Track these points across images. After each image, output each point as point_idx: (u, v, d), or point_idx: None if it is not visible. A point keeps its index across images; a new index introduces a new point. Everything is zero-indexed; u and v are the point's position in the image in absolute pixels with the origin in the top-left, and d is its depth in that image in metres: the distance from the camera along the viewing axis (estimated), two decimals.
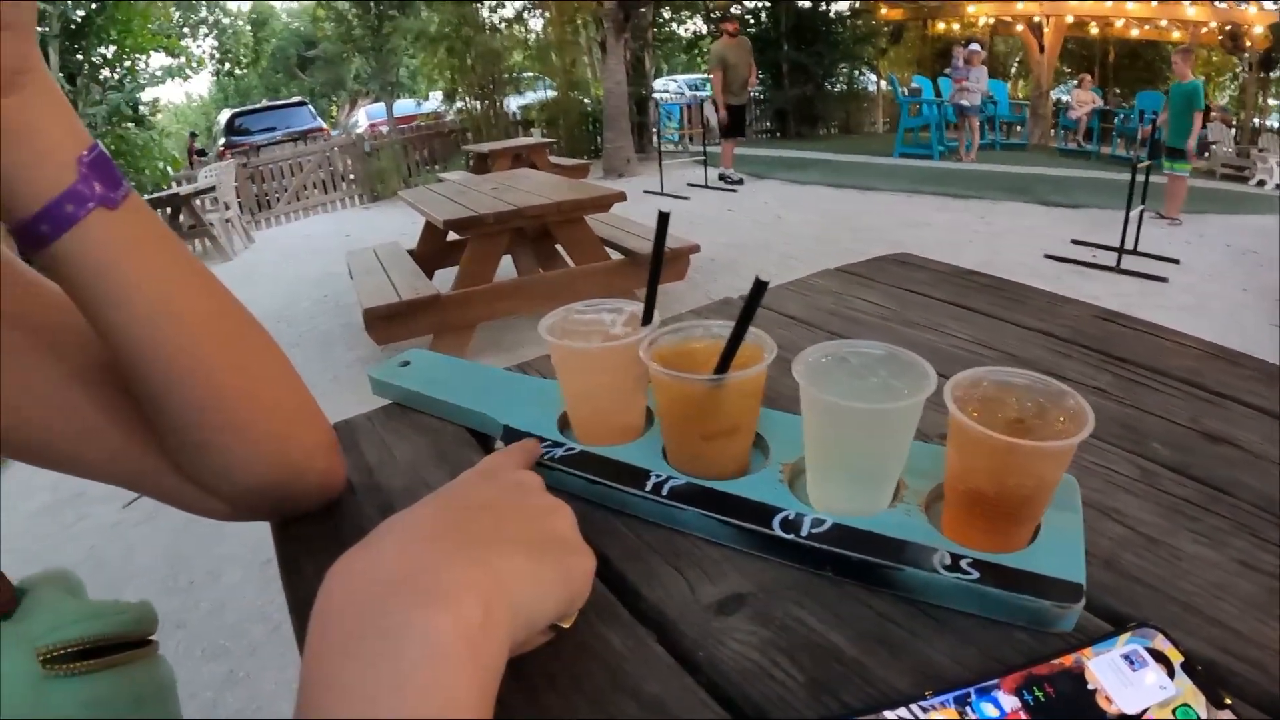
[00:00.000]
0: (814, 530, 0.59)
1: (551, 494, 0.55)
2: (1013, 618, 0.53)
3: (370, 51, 14.81)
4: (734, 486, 0.65)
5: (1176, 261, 7.22)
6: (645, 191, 11.31)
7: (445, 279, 5.92)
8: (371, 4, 14.56)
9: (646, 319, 0.71)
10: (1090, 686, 0.47)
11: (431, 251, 6.46)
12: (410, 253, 6.28)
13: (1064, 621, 0.52)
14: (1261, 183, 13.21)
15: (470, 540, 0.45)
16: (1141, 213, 7.23)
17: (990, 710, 0.45)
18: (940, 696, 0.46)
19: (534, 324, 3.04)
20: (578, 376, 0.72)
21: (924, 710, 0.45)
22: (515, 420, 0.77)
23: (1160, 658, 0.48)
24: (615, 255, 5.69)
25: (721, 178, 12.08)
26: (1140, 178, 7.05)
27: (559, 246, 5.78)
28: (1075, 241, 7.76)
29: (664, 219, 0.67)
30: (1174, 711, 0.45)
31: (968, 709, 0.45)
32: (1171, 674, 0.47)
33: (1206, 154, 15.04)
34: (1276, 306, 6.16)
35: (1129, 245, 7.11)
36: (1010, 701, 0.45)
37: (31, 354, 0.59)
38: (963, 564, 0.54)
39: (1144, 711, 0.45)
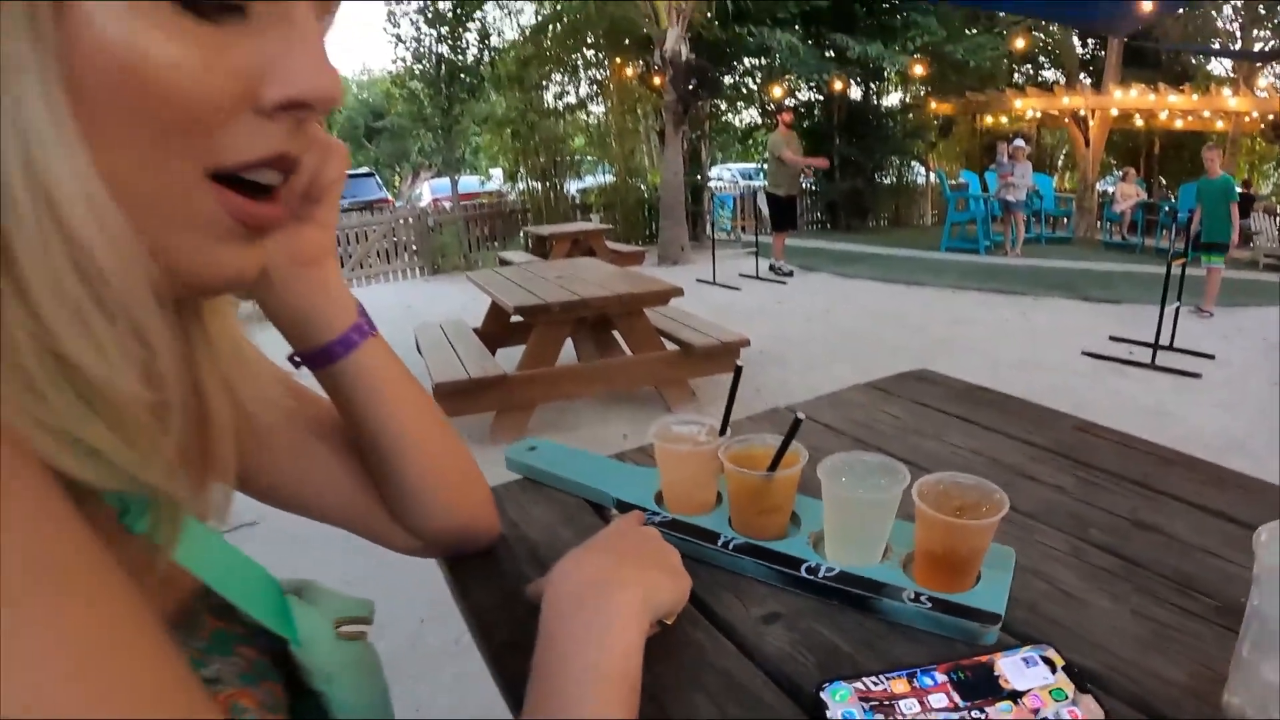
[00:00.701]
0: (827, 574, 0.89)
1: (662, 541, 0.86)
2: (953, 633, 0.83)
3: (439, 129, 15.38)
4: (777, 545, 0.96)
5: (1212, 357, 7.34)
6: (698, 280, 11.59)
7: (507, 357, 6.25)
8: (443, 86, 15.16)
9: (723, 431, 1.03)
10: (995, 674, 0.75)
11: (495, 331, 6.82)
12: (475, 330, 6.63)
13: (986, 637, 0.82)
14: None
15: (630, 559, 0.77)
16: (1177, 309, 7.39)
17: (928, 681, 0.74)
18: (898, 671, 0.75)
19: (590, 406, 3.47)
20: (676, 468, 1.04)
21: (887, 678, 0.74)
22: (624, 495, 1.08)
23: (1049, 662, 0.76)
24: (670, 345, 5.98)
25: (772, 269, 12.36)
26: (1175, 272, 7.19)
27: (617, 334, 6.09)
28: (1114, 338, 7.91)
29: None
30: (1050, 693, 0.73)
31: (914, 679, 0.74)
32: (1054, 671, 0.76)
33: (1251, 244, 15.08)
34: None
35: (1165, 340, 7.23)
36: (941, 677, 0.74)
37: (307, 437, 0.87)
38: (922, 598, 0.84)
39: (1029, 689, 0.73)
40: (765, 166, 12.56)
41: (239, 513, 0.67)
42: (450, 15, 15.08)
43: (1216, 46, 22.42)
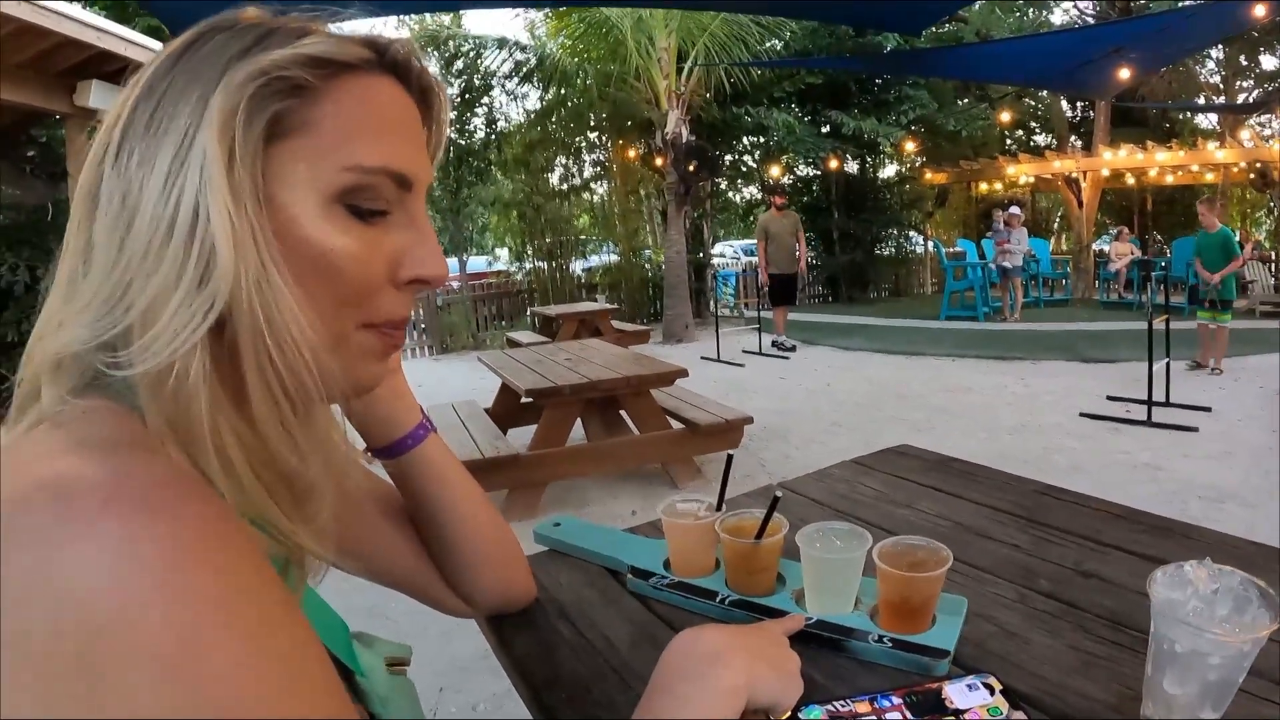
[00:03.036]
0: (808, 623, 1.07)
1: (788, 648, 0.96)
2: (910, 667, 1.00)
3: (447, 211, 15.64)
4: (766, 600, 1.15)
5: (1208, 409, 7.44)
6: (703, 358, 11.77)
7: (518, 436, 6.41)
8: (451, 169, 15.46)
9: (719, 507, 1.24)
10: (943, 697, 0.92)
11: (506, 411, 6.96)
12: (486, 410, 6.78)
13: (938, 669, 0.99)
14: None
15: (747, 650, 0.87)
16: (1168, 365, 7.50)
17: (886, 703, 0.91)
18: (861, 695, 0.93)
19: (599, 483, 3.68)
20: (680, 539, 1.24)
21: (852, 701, 0.92)
22: (638, 563, 1.27)
23: (989, 687, 0.94)
24: (676, 424, 6.12)
25: (775, 345, 12.52)
26: (1160, 328, 7.32)
27: (624, 413, 6.24)
28: (1111, 398, 8.01)
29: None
30: (988, 710, 0.90)
31: (875, 701, 0.92)
32: (992, 694, 0.93)
33: (1246, 293, 15.12)
34: None
35: (1161, 396, 7.34)
36: (897, 700, 0.92)
37: (379, 514, 1.04)
38: (885, 639, 1.03)
39: (970, 708, 0.91)
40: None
41: None
42: (458, 100, 15.50)
43: (1201, 101, 22.79)
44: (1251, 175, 17.77)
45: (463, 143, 15.82)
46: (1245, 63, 22.02)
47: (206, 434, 0.56)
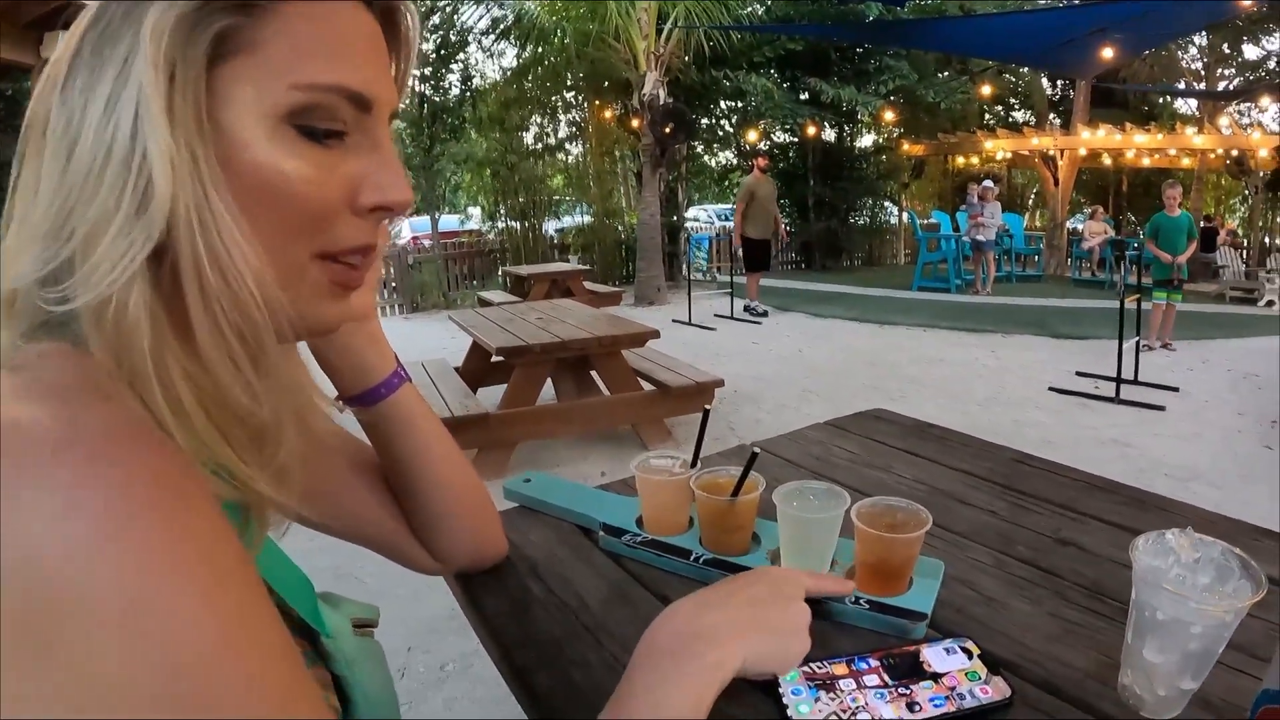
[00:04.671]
0: None
1: (803, 601, 0.93)
2: (887, 629, 0.99)
3: (420, 169, 15.47)
4: (741, 559, 1.13)
5: (1176, 389, 7.53)
6: (674, 321, 11.77)
7: (488, 396, 6.40)
8: (425, 126, 15.27)
9: (694, 465, 1.21)
10: (920, 660, 0.91)
11: (476, 370, 6.92)
12: (456, 369, 6.77)
13: (915, 632, 0.97)
14: (1270, 303, 13.56)
15: (735, 619, 0.86)
16: (1137, 343, 7.58)
17: (863, 665, 0.90)
18: (838, 657, 0.91)
19: (569, 444, 3.68)
20: (654, 496, 1.21)
21: (829, 663, 0.90)
22: (610, 520, 1.24)
23: (967, 651, 0.92)
24: (647, 385, 6.12)
25: (747, 309, 12.54)
26: (1131, 307, 7.40)
27: (595, 374, 6.22)
28: (1080, 373, 8.08)
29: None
30: (965, 674, 0.89)
31: (852, 664, 0.90)
32: (970, 658, 0.91)
33: (1218, 278, 15.36)
34: (1271, 429, 6.46)
35: (1130, 375, 7.42)
36: (874, 662, 0.90)
37: (347, 469, 1.01)
38: (862, 601, 1.01)
39: (948, 672, 0.89)
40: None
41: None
42: (434, 57, 15.25)
43: (1182, 86, 22.88)
44: (1228, 162, 17.93)
45: (437, 99, 15.56)
46: (1228, 50, 22.06)
47: (151, 370, 0.53)
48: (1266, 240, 19.18)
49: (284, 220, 0.59)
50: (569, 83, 17.22)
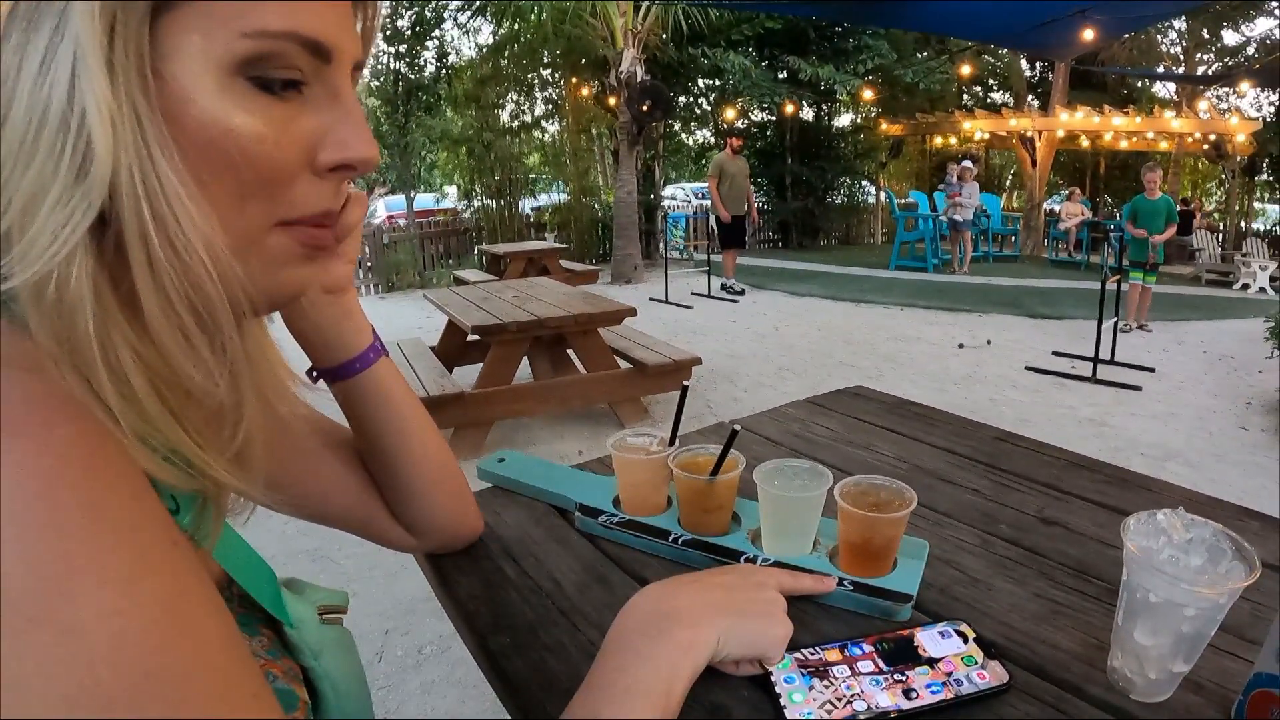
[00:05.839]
0: (763, 564, 1.03)
1: (775, 591, 0.90)
2: (872, 611, 0.96)
3: (395, 147, 15.33)
4: (720, 540, 1.09)
5: (1152, 370, 7.60)
6: (651, 299, 11.75)
7: (464, 375, 6.36)
8: (400, 103, 15.14)
9: (672, 442, 1.17)
10: (915, 644, 0.88)
11: (452, 349, 6.88)
12: (432, 349, 6.70)
13: (900, 614, 0.95)
14: (1245, 286, 13.76)
15: (711, 602, 0.83)
16: (1116, 324, 7.63)
17: (856, 650, 0.87)
18: (831, 643, 0.88)
19: (545, 423, 3.61)
20: (631, 475, 1.17)
21: (821, 649, 0.87)
22: (586, 500, 1.21)
23: (961, 635, 0.90)
24: (624, 364, 6.10)
25: (724, 288, 12.53)
26: (1111, 289, 7.42)
27: (572, 353, 6.19)
28: (1057, 353, 8.13)
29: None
30: (962, 659, 0.86)
31: (845, 649, 0.87)
32: (965, 642, 0.89)
33: (1194, 261, 15.50)
34: (1245, 410, 6.53)
35: (1107, 355, 7.47)
36: (868, 647, 0.88)
37: (319, 447, 0.97)
38: (845, 582, 0.98)
39: (944, 656, 0.86)
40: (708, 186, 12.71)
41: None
42: (409, 33, 15.10)
43: (1161, 70, 22.95)
44: (1206, 146, 18.04)
45: (412, 76, 15.44)
46: (1207, 36, 22.12)
47: (95, 350, 0.49)
48: (1243, 224, 19.32)
49: (237, 183, 0.54)
50: (546, 60, 17.07)
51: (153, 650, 0.45)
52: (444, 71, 16.11)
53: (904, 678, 0.83)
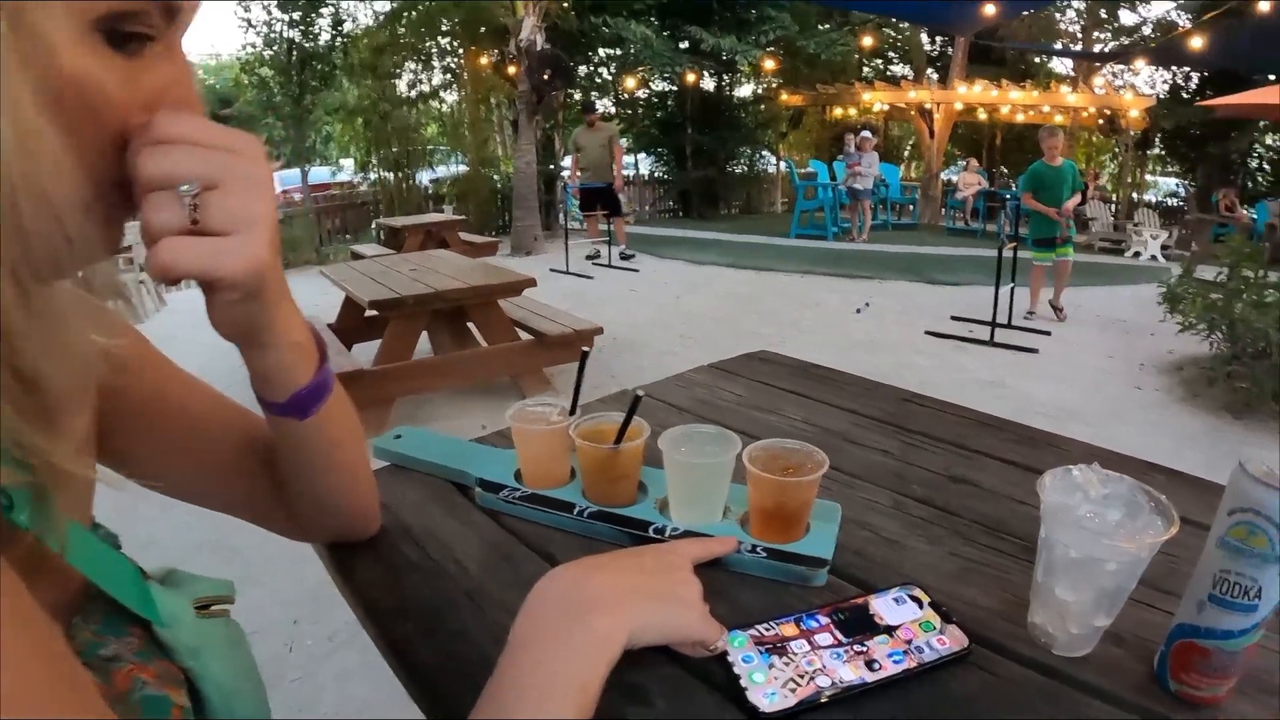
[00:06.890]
0: (674, 534, 0.98)
1: (691, 572, 0.84)
2: (788, 578, 0.92)
3: (289, 118, 14.91)
4: (626, 510, 1.04)
5: (1048, 334, 7.82)
6: (552, 270, 11.65)
7: (363, 352, 6.22)
8: (294, 73, 14.70)
9: (573, 411, 1.12)
10: (871, 612, 0.85)
11: (350, 326, 6.73)
12: (330, 326, 6.56)
13: (816, 579, 0.91)
14: (1137, 254, 14.34)
15: (624, 586, 0.78)
16: (1012, 289, 7.79)
17: (813, 623, 0.83)
18: (785, 617, 0.84)
19: (448, 398, 3.50)
20: (531, 447, 1.11)
21: (777, 624, 0.83)
22: (486, 474, 1.14)
23: (916, 599, 0.87)
24: (525, 335, 6.02)
25: (623, 256, 12.57)
26: (1008, 255, 7.58)
27: (472, 326, 6.09)
28: (955, 318, 8.30)
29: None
30: (920, 625, 0.83)
31: (801, 622, 0.83)
32: (921, 607, 0.86)
33: (1088, 229, 16.00)
34: (1140, 371, 6.76)
35: (1005, 320, 7.64)
36: (824, 619, 0.84)
37: (218, 439, 0.89)
38: (758, 549, 0.94)
39: (901, 623, 0.83)
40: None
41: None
42: (302, 0, 14.67)
43: (1059, 47, 23.47)
44: (1100, 121, 18.59)
45: (307, 45, 14.98)
46: (1104, 15, 22.64)
47: None
48: (1135, 196, 19.99)
49: (92, 134, 0.52)
50: (444, 28, 16.79)
51: None
52: (339, 40, 15.68)
53: (864, 649, 0.80)
